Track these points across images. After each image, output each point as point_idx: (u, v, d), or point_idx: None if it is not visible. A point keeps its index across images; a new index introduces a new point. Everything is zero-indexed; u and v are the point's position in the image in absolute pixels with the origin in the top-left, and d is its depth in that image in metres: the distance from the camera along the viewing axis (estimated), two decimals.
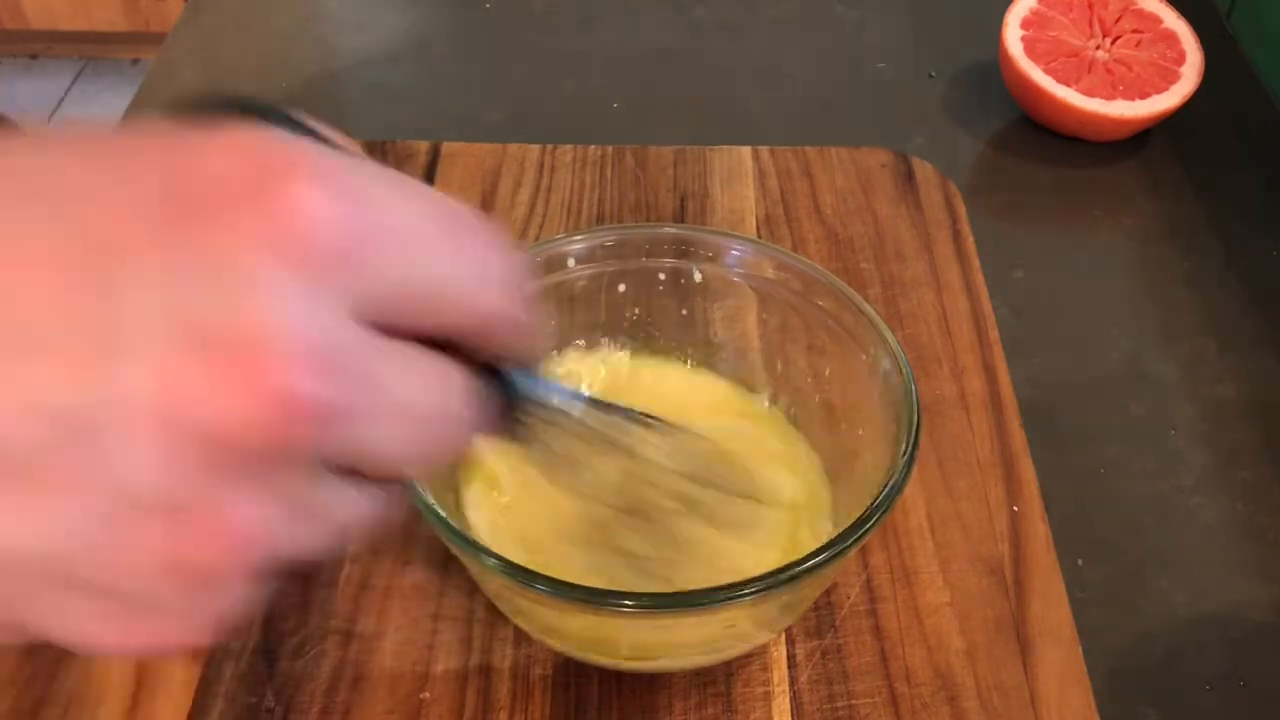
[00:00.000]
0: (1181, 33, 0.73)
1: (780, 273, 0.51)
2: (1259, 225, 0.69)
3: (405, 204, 0.23)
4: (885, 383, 0.46)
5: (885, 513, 0.41)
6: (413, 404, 0.23)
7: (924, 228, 0.65)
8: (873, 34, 0.83)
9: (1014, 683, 0.47)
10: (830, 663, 0.47)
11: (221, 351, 0.20)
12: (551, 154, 0.70)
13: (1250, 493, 0.55)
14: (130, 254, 0.20)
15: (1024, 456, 0.54)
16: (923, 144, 0.73)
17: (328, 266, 0.21)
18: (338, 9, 0.86)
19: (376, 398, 0.22)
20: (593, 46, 0.82)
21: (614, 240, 0.52)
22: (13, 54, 2.32)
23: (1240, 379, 0.60)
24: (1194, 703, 0.48)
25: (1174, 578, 0.52)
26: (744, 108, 0.77)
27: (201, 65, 0.80)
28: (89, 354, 0.20)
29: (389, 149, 0.70)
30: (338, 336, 0.21)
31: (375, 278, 0.22)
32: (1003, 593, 0.50)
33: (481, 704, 0.46)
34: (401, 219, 0.22)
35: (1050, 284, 0.65)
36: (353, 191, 0.21)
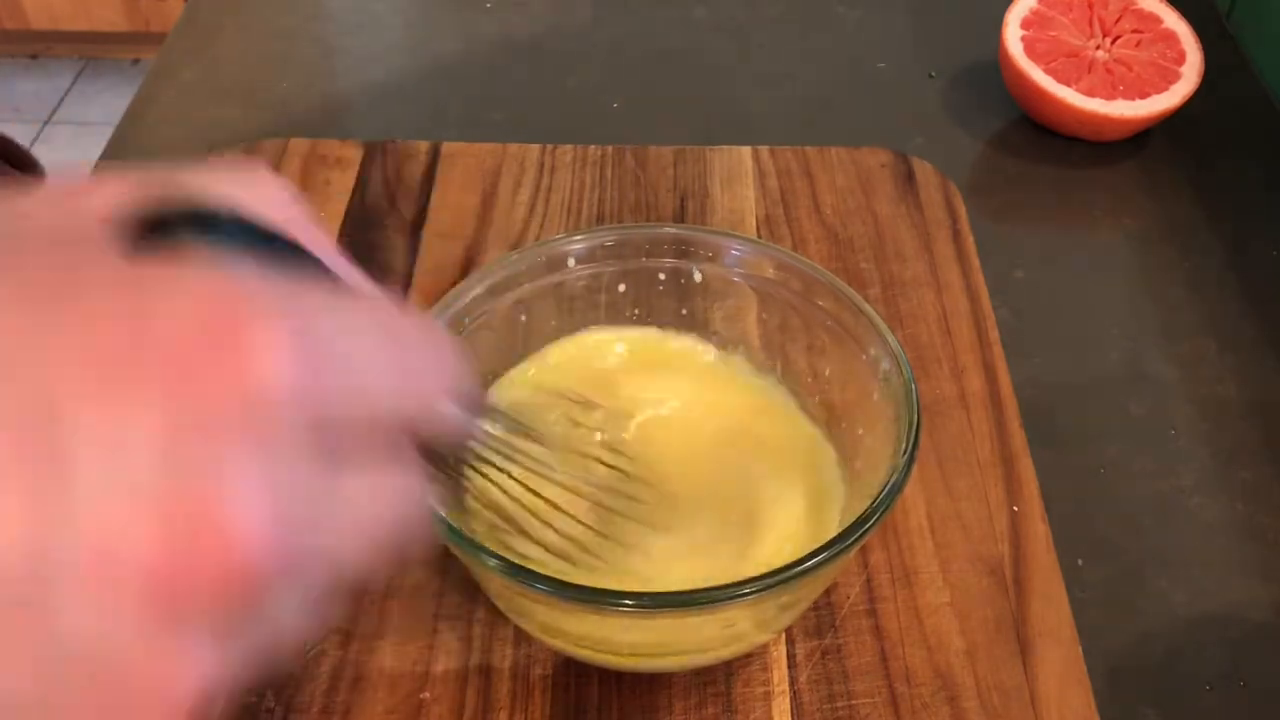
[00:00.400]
0: (1181, 33, 0.73)
1: (780, 273, 0.51)
2: (1259, 225, 0.69)
3: (350, 330, 0.23)
4: (885, 383, 0.46)
5: (885, 513, 0.41)
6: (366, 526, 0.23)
7: (924, 228, 0.65)
8: (873, 34, 0.83)
9: (1014, 683, 0.47)
10: (830, 663, 0.47)
11: (174, 518, 0.19)
12: (551, 154, 0.70)
13: (1250, 493, 0.55)
14: (79, 414, 0.19)
15: (1024, 456, 0.54)
16: (923, 144, 0.73)
17: (283, 416, 0.20)
18: (338, 9, 0.86)
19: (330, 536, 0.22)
20: (593, 46, 0.82)
21: (614, 240, 0.52)
22: (13, 54, 2.32)
23: (1240, 379, 0.60)
24: (1194, 703, 0.48)
25: (1174, 578, 0.52)
26: (744, 108, 0.77)
27: (201, 65, 0.80)
28: (37, 516, 0.19)
29: (389, 149, 0.70)
30: (292, 490, 0.21)
31: (327, 409, 0.22)
32: (1003, 593, 0.50)
33: (481, 704, 0.46)
34: (348, 345, 0.22)
35: (1050, 284, 0.65)
36: (304, 335, 0.21)
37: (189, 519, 0.19)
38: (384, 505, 0.24)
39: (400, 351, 0.24)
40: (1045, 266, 0.66)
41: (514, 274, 0.51)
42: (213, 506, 0.19)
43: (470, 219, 0.66)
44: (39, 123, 2.21)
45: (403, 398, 0.24)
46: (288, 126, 0.74)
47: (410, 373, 0.24)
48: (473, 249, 0.64)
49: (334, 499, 0.22)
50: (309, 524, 0.21)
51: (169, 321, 0.20)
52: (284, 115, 0.76)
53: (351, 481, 0.23)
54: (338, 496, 0.22)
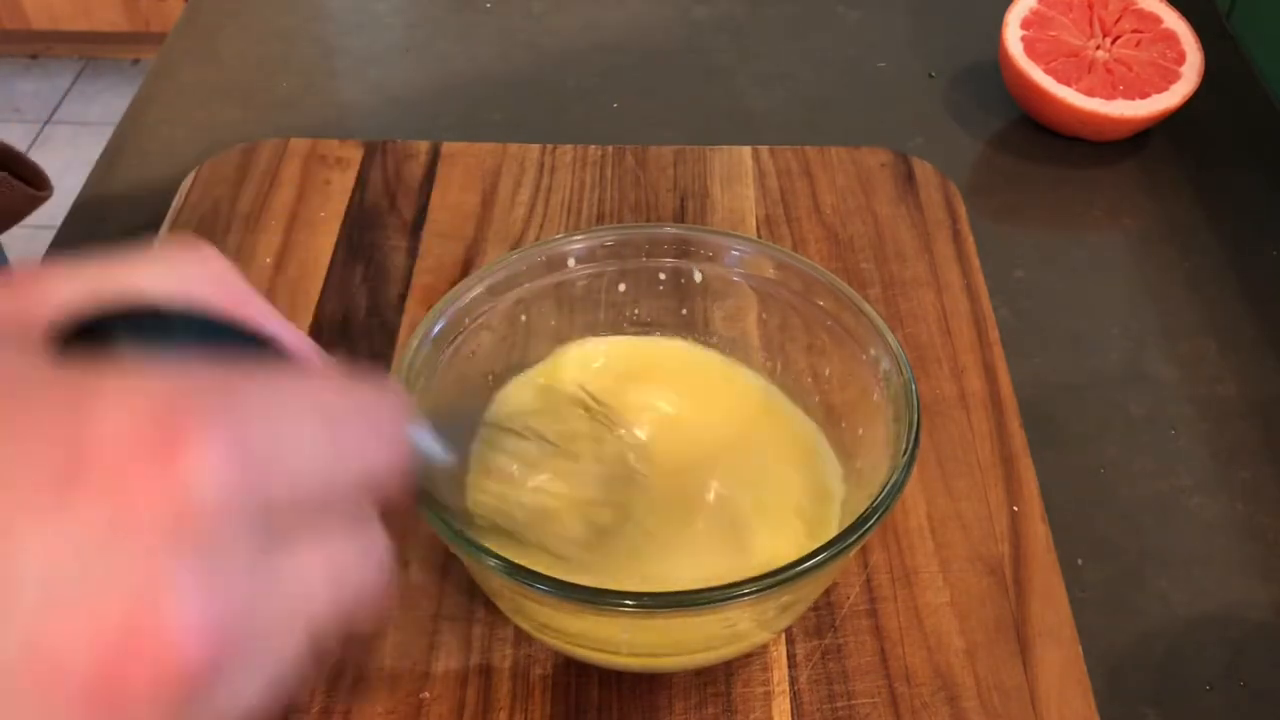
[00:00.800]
0: (1181, 33, 0.73)
1: (780, 273, 0.51)
2: (1259, 225, 0.69)
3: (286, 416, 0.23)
4: (885, 383, 0.46)
5: (885, 513, 0.41)
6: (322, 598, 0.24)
7: (924, 228, 0.65)
8: (873, 34, 0.83)
9: (1014, 683, 0.47)
10: (830, 663, 0.47)
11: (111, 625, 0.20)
12: (551, 154, 0.70)
13: (1250, 493, 0.55)
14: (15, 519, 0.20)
15: (1024, 456, 0.54)
16: (923, 144, 0.73)
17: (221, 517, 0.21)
18: (338, 9, 0.86)
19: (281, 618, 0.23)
20: (593, 47, 0.82)
21: (614, 240, 0.52)
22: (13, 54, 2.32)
23: (1240, 379, 0.60)
24: (1194, 703, 0.48)
25: (1174, 578, 0.52)
26: (744, 108, 0.77)
27: (201, 65, 0.80)
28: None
29: (389, 149, 0.70)
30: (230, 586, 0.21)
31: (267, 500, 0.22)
32: (1003, 593, 0.50)
33: (481, 704, 0.46)
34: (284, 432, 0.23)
35: (1050, 284, 0.65)
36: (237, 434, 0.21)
37: (126, 625, 0.20)
38: (341, 571, 0.24)
39: (340, 427, 0.24)
40: (1045, 266, 0.66)
41: (514, 274, 0.51)
42: (149, 611, 0.20)
43: (470, 219, 0.66)
44: (39, 123, 2.21)
45: (347, 472, 0.24)
46: (288, 126, 0.74)
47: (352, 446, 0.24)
48: (473, 249, 0.64)
49: (283, 580, 0.23)
50: (253, 613, 0.22)
51: (104, 432, 0.20)
52: (284, 115, 0.76)
53: (304, 557, 0.23)
54: (288, 576, 0.23)
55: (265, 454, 0.22)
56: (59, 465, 0.20)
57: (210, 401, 0.21)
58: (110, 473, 0.20)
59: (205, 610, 0.20)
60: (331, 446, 0.24)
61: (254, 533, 0.22)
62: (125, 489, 0.20)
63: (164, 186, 0.69)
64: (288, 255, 0.64)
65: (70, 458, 0.20)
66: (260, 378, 0.23)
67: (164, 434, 0.20)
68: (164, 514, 0.20)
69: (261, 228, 0.65)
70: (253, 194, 0.67)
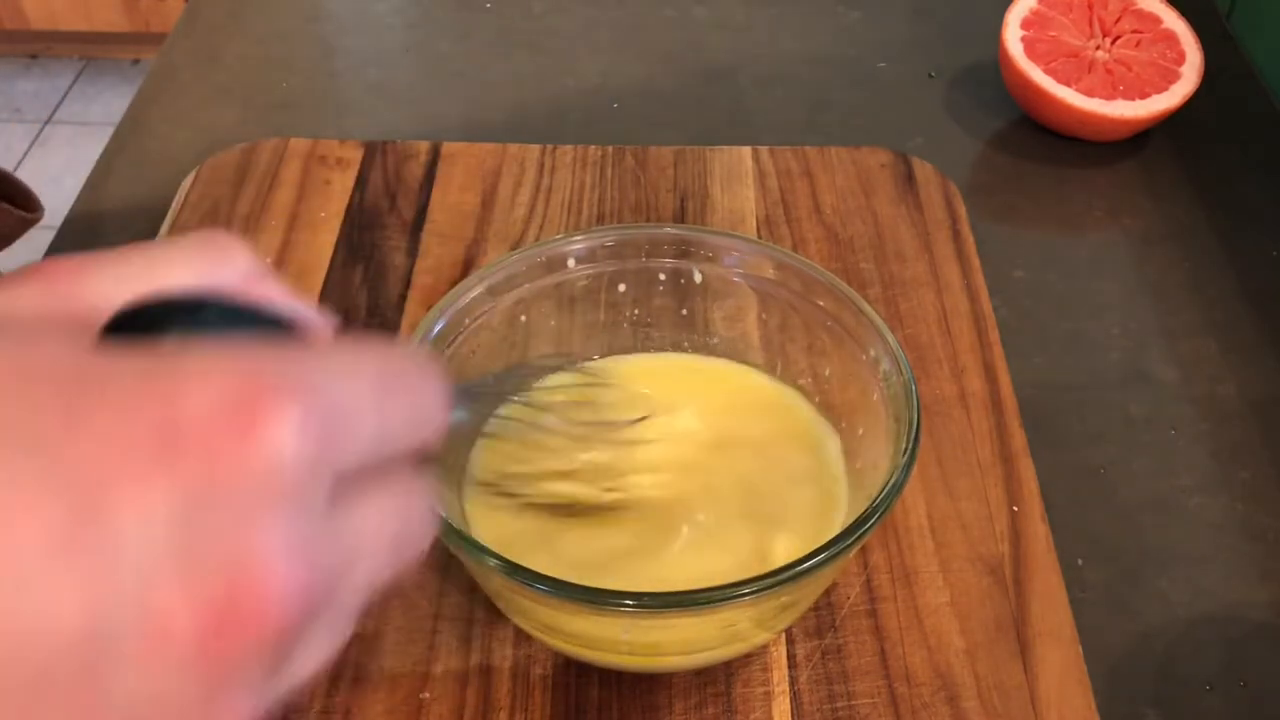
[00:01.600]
0: (1181, 33, 0.73)
1: (780, 273, 0.51)
2: (1259, 225, 0.69)
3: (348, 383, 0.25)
4: (885, 383, 0.46)
5: (885, 513, 0.41)
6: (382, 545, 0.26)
7: (924, 228, 0.65)
8: (873, 34, 0.83)
9: (1014, 683, 0.47)
10: (830, 663, 0.47)
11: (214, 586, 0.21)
12: (551, 154, 0.70)
13: (1250, 493, 0.55)
14: (118, 490, 0.21)
15: (1024, 456, 0.54)
16: (923, 144, 0.73)
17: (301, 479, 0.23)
18: (338, 9, 0.86)
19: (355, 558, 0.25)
20: (593, 47, 0.82)
21: (614, 240, 0.52)
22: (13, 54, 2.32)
23: (1240, 379, 0.60)
24: (1194, 703, 0.48)
25: (1174, 578, 0.52)
26: (744, 108, 0.77)
27: (201, 65, 0.80)
28: (89, 596, 0.20)
29: (389, 149, 0.70)
30: (315, 540, 0.23)
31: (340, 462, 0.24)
32: (1003, 593, 0.50)
33: (481, 704, 0.46)
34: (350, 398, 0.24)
35: (1050, 284, 0.65)
36: (312, 402, 0.23)
37: (227, 584, 0.21)
38: (395, 521, 0.26)
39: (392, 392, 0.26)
40: (1045, 266, 0.66)
41: (514, 274, 0.51)
42: (248, 570, 0.21)
43: (470, 219, 0.66)
44: (39, 123, 2.21)
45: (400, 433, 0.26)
46: (288, 126, 0.74)
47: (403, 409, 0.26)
48: (473, 249, 0.64)
49: (352, 538, 0.24)
50: (333, 565, 0.24)
51: (193, 408, 0.22)
52: (284, 115, 0.76)
53: (362, 510, 0.25)
54: (355, 533, 0.25)
55: (334, 421, 0.23)
56: (153, 437, 0.21)
57: (281, 376, 0.23)
58: (203, 443, 0.21)
59: (297, 568, 0.22)
60: (387, 410, 0.26)
61: (326, 489, 0.23)
62: (218, 457, 0.21)
63: (164, 186, 0.69)
64: (288, 255, 0.64)
65: (163, 430, 0.21)
66: (314, 351, 0.25)
67: (247, 407, 0.22)
68: (254, 480, 0.22)
69: (261, 228, 0.65)
70: (253, 194, 0.67)
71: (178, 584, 0.21)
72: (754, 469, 0.49)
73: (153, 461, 0.21)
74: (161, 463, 0.21)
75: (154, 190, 0.70)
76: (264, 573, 0.22)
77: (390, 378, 0.26)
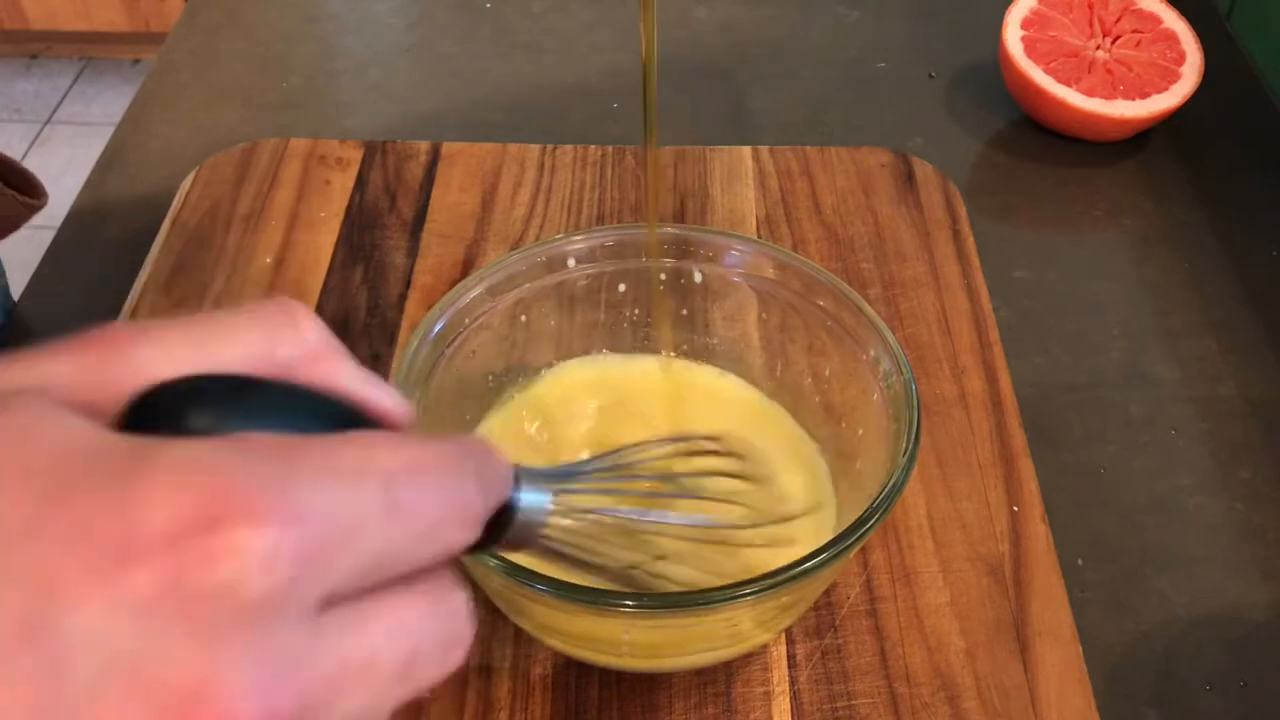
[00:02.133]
0: (1181, 33, 0.73)
1: (780, 273, 0.51)
2: (1259, 225, 0.69)
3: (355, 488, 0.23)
4: (885, 383, 0.46)
5: (885, 513, 0.41)
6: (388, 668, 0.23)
7: (924, 228, 0.65)
8: (873, 34, 0.83)
9: (1014, 683, 0.47)
10: (830, 663, 0.47)
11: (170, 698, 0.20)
12: (551, 154, 0.70)
13: (1250, 493, 0.55)
14: (69, 597, 0.20)
15: (1024, 456, 0.54)
16: (923, 144, 0.73)
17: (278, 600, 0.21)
18: (338, 9, 0.86)
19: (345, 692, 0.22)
20: (593, 47, 0.82)
21: (614, 240, 0.52)
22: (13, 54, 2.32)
23: (1240, 379, 0.60)
24: (1194, 703, 0.48)
25: (1174, 578, 0.52)
26: (744, 108, 0.77)
27: (201, 65, 0.80)
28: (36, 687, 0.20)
29: (389, 149, 0.70)
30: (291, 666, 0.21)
31: (328, 569, 0.22)
32: (1003, 593, 0.50)
33: (481, 704, 0.46)
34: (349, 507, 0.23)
35: (1050, 284, 0.65)
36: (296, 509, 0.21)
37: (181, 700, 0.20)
38: (412, 638, 0.24)
39: (404, 495, 0.24)
40: (1045, 266, 0.66)
41: (514, 274, 0.51)
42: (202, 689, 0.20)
43: (470, 219, 0.66)
44: (39, 123, 2.21)
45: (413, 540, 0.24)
46: (288, 126, 0.74)
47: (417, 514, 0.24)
48: (473, 249, 0.64)
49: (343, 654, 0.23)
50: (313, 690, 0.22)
51: (156, 509, 0.20)
52: (284, 115, 0.76)
53: (365, 626, 0.23)
54: (348, 649, 0.23)
55: (322, 529, 0.22)
56: (111, 539, 0.20)
57: (265, 478, 0.21)
58: (161, 549, 0.20)
59: (260, 687, 0.20)
60: (394, 516, 0.23)
61: (310, 599, 0.22)
62: (176, 566, 0.20)
63: (164, 186, 0.69)
64: (288, 255, 0.64)
65: (123, 532, 0.20)
66: (321, 448, 0.23)
67: (215, 512, 0.20)
68: (212, 600, 0.20)
69: (261, 228, 0.65)
70: (253, 194, 0.67)
71: (128, 692, 0.20)
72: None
73: (105, 573, 0.20)
74: (113, 574, 0.20)
75: (154, 190, 0.70)
76: (220, 692, 0.20)
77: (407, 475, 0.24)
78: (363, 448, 0.24)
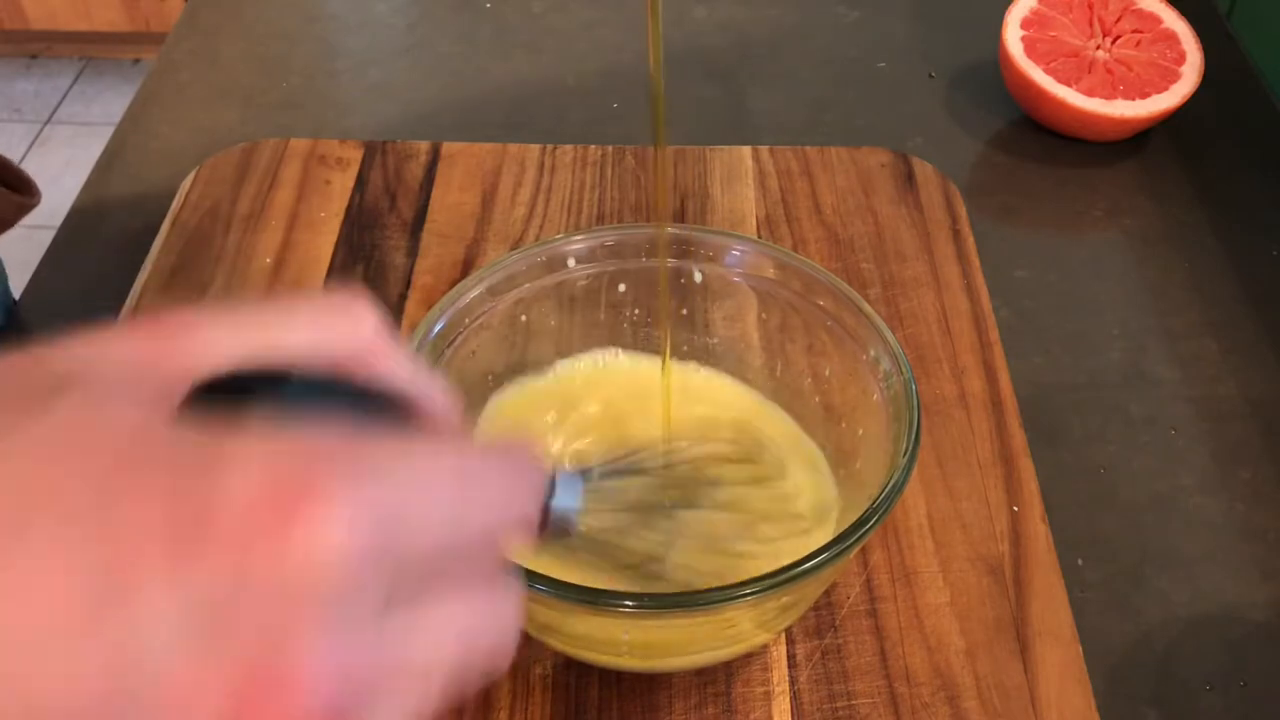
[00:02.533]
0: (1181, 33, 0.73)
1: (780, 273, 0.51)
2: (1259, 225, 0.69)
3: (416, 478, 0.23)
4: (885, 383, 0.46)
5: (885, 513, 0.41)
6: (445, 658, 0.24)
7: (924, 228, 0.65)
8: (873, 34, 0.83)
9: (1014, 683, 0.47)
10: (830, 663, 0.47)
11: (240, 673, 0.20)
12: (551, 154, 0.70)
13: (1250, 493, 0.55)
14: (143, 572, 0.20)
15: (1024, 456, 0.54)
16: (923, 144, 0.73)
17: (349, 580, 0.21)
18: (338, 9, 0.86)
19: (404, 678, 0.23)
20: (593, 46, 0.82)
21: (614, 240, 0.52)
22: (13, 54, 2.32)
23: (1240, 379, 0.60)
24: (1194, 703, 0.48)
25: (1174, 578, 0.52)
26: (744, 108, 0.77)
27: (201, 65, 0.80)
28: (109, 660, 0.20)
29: (389, 149, 0.70)
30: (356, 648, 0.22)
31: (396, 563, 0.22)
32: (1003, 593, 0.50)
33: (481, 704, 0.46)
34: (414, 495, 0.23)
35: (1050, 284, 0.65)
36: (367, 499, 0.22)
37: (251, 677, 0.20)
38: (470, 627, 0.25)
39: (470, 488, 0.24)
40: (1045, 266, 0.66)
41: (514, 274, 0.51)
42: (273, 666, 0.20)
43: (470, 219, 0.66)
44: (39, 123, 2.21)
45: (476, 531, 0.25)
46: (288, 126, 0.74)
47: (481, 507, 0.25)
48: (473, 249, 0.64)
49: (410, 636, 0.23)
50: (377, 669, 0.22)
51: (230, 492, 0.21)
52: (284, 115, 0.76)
53: (433, 613, 0.24)
54: (416, 632, 0.23)
55: (392, 516, 0.22)
56: (186, 521, 0.20)
57: (337, 465, 0.22)
58: (235, 531, 0.20)
59: (327, 666, 0.21)
60: (461, 507, 0.24)
61: (381, 591, 0.22)
62: (250, 547, 0.20)
63: (164, 186, 0.69)
64: (288, 255, 0.64)
65: (197, 515, 0.21)
66: (389, 442, 0.23)
67: (290, 496, 0.21)
68: (286, 578, 0.21)
69: (261, 228, 0.65)
70: (253, 194, 0.67)
71: (200, 669, 0.20)
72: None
73: (179, 549, 0.20)
74: (188, 551, 0.20)
75: (154, 190, 0.70)
76: (289, 669, 0.20)
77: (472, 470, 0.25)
78: (430, 445, 0.24)
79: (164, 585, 0.20)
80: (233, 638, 0.20)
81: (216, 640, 0.20)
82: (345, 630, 0.21)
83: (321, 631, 0.21)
